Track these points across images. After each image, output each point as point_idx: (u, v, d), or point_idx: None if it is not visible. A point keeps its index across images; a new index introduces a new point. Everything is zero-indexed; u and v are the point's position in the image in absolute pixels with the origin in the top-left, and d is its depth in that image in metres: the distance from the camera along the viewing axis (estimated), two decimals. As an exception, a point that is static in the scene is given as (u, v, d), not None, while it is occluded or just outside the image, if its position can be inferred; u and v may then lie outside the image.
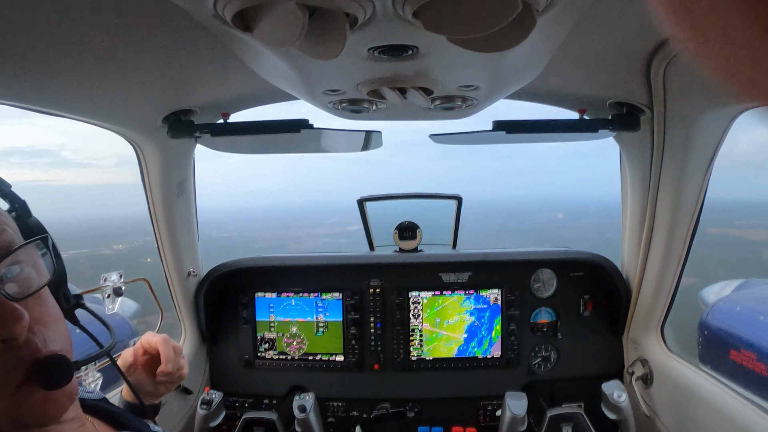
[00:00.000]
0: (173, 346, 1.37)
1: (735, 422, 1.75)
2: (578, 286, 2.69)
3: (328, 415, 2.69)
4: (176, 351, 1.37)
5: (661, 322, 2.36)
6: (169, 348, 1.36)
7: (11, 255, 0.81)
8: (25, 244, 0.84)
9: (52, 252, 0.93)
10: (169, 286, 2.50)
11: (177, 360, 1.38)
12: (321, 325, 2.67)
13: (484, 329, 2.65)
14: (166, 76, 1.56)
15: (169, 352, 1.35)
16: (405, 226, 2.73)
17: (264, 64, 1.29)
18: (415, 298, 2.66)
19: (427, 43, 1.03)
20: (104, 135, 1.89)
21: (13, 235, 0.84)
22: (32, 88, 1.35)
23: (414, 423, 2.67)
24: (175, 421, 2.41)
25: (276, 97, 2.03)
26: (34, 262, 0.87)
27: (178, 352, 1.39)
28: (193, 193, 2.45)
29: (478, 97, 1.53)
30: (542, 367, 2.66)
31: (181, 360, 1.40)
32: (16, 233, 0.86)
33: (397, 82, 1.32)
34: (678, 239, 2.12)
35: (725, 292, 5.15)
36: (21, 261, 0.84)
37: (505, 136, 1.98)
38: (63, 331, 0.90)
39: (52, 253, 0.93)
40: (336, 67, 1.20)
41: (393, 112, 1.77)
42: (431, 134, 2.26)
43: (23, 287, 0.82)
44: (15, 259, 0.82)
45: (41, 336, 0.82)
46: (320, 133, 2.05)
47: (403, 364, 2.65)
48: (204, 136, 1.99)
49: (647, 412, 2.30)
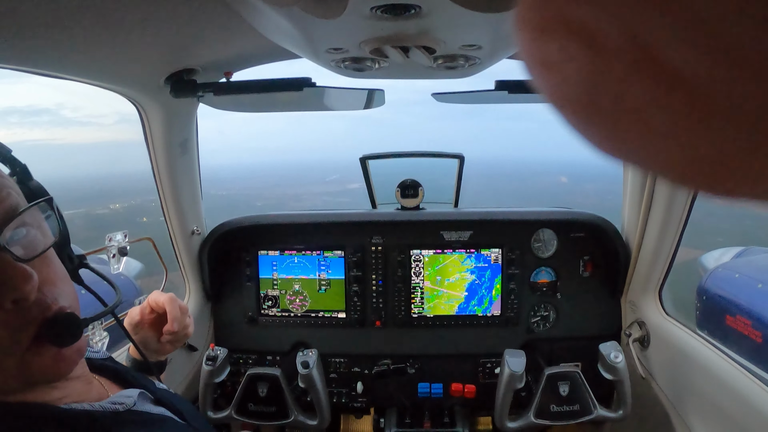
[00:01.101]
0: (179, 306, 1.40)
1: (728, 387, 1.80)
2: (578, 246, 2.71)
3: (331, 371, 2.77)
4: (182, 310, 1.41)
5: (659, 285, 2.40)
6: (176, 307, 1.39)
7: (17, 218, 0.82)
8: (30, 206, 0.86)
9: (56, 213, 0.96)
10: (173, 244, 2.53)
11: (183, 319, 1.41)
12: (323, 283, 2.72)
13: (484, 288, 2.69)
14: (168, 36, 1.54)
15: (175, 311, 1.39)
16: (407, 184, 2.75)
17: (266, 23, 1.28)
18: (416, 256, 2.69)
19: (429, 3, 1.02)
20: (104, 93, 1.88)
21: (18, 198, 0.86)
22: (32, 51, 1.34)
23: (414, 379, 2.74)
24: (181, 377, 2.49)
25: (278, 56, 2.01)
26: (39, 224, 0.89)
27: (185, 311, 1.43)
28: (196, 152, 2.46)
29: (481, 57, 1.52)
30: (541, 326, 2.71)
31: (187, 319, 1.43)
32: (20, 196, 0.88)
33: (400, 41, 1.31)
34: (678, 203, 2.13)
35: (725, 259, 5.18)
36: (27, 223, 0.86)
37: (508, 95, 1.97)
38: (70, 291, 0.93)
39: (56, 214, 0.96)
40: (338, 26, 1.19)
41: (395, 71, 1.76)
42: (434, 93, 2.24)
43: (30, 249, 0.84)
44: (21, 222, 0.84)
45: (50, 295, 0.85)
46: (323, 91, 2.04)
47: (404, 321, 2.71)
48: (207, 96, 1.98)
49: (643, 373, 2.36)
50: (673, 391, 2.17)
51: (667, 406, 2.19)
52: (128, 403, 0.99)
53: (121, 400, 0.99)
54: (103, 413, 0.94)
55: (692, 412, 2.02)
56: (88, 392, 1.00)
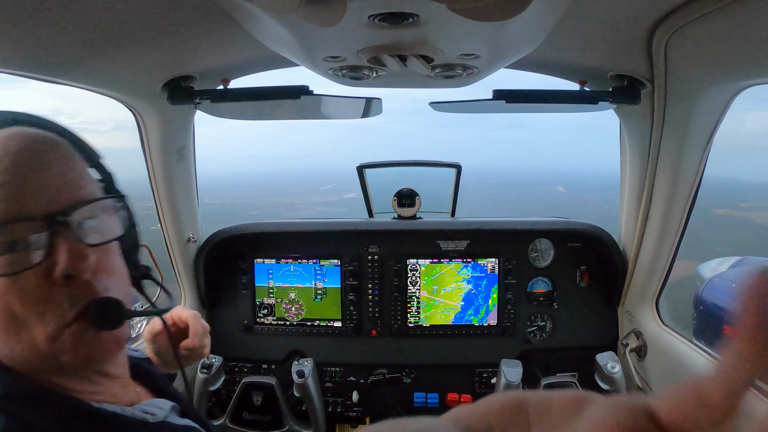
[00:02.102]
0: (202, 324, 1.45)
1: None
2: (575, 256, 2.71)
3: (326, 380, 2.75)
4: (204, 329, 1.45)
5: (656, 295, 2.39)
6: (199, 324, 1.45)
7: (90, 205, 0.88)
8: (103, 198, 0.93)
9: (128, 214, 1.03)
10: (168, 251, 2.51)
11: (203, 337, 1.45)
12: (319, 291, 2.71)
13: (480, 297, 2.68)
14: (165, 43, 1.54)
15: (197, 327, 1.44)
16: (404, 194, 2.75)
17: (264, 31, 1.28)
18: (413, 265, 2.68)
19: (427, 11, 1.02)
20: (101, 99, 1.88)
21: (95, 190, 0.93)
22: (30, 55, 1.34)
23: (410, 389, 2.73)
24: (176, 384, 2.46)
25: (276, 64, 2.02)
26: (110, 219, 0.94)
27: (206, 330, 1.47)
28: (193, 159, 2.45)
29: (478, 66, 1.52)
30: (538, 336, 2.70)
31: (206, 339, 1.47)
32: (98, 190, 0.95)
33: (398, 50, 1.31)
34: (675, 214, 2.13)
35: (722, 269, 5.18)
36: (98, 215, 0.91)
37: (505, 105, 1.97)
38: (124, 289, 0.96)
39: (128, 215, 1.02)
40: (336, 34, 1.19)
41: (393, 80, 1.76)
42: (431, 102, 2.25)
43: (94, 236, 0.89)
44: (92, 211, 0.90)
45: (102, 284, 0.88)
46: (320, 99, 2.05)
47: (400, 331, 2.70)
48: (204, 102, 1.98)
49: (640, 383, 2.35)
50: None
51: None
52: (159, 415, 1.00)
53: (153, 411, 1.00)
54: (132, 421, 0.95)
55: None
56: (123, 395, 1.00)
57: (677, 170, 2.00)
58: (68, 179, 0.87)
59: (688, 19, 1.36)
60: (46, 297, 0.81)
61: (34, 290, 0.81)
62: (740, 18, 1.25)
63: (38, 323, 0.81)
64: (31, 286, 0.81)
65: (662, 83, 1.79)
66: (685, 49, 1.54)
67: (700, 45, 1.49)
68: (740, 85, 1.66)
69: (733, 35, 1.36)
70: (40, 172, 0.85)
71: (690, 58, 1.60)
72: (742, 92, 1.71)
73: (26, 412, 0.84)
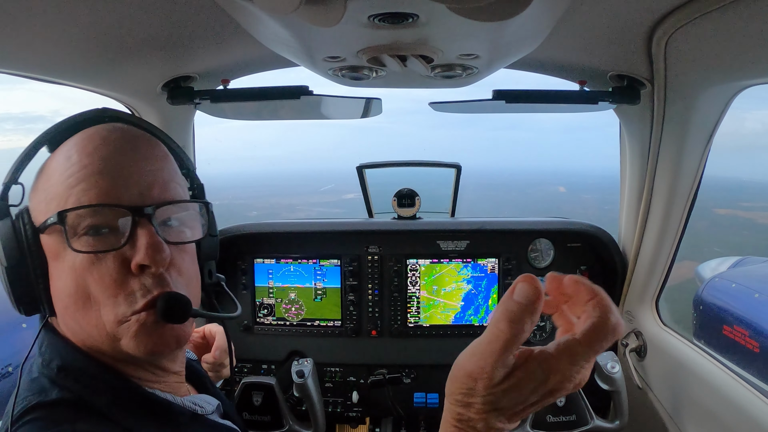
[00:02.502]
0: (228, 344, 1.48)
1: (725, 397, 1.79)
2: (575, 256, 2.71)
3: (326, 380, 2.74)
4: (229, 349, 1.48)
5: (656, 295, 2.39)
6: (223, 340, 1.54)
7: (174, 205, 0.94)
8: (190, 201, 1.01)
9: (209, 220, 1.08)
10: None
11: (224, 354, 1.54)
12: (319, 291, 2.71)
13: (480, 297, 2.68)
14: (165, 43, 1.54)
15: (222, 342, 1.54)
16: (404, 194, 2.74)
17: (264, 31, 1.28)
18: (412, 265, 2.68)
19: (427, 12, 1.02)
20: (100, 100, 1.88)
21: (183, 193, 0.99)
22: (30, 56, 1.34)
23: (410, 389, 2.72)
24: None
25: (276, 64, 2.02)
26: (192, 223, 1.00)
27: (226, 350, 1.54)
28: (193, 159, 2.45)
29: (478, 66, 1.52)
30: (537, 336, 2.70)
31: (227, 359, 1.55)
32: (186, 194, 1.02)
33: (398, 50, 1.31)
34: (675, 214, 2.13)
35: (721, 269, 5.18)
36: (181, 217, 0.97)
37: (505, 105, 1.97)
38: (194, 290, 1.01)
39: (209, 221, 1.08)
40: (336, 34, 1.19)
41: (393, 80, 1.76)
42: (431, 102, 2.25)
43: (174, 235, 0.94)
44: (176, 211, 0.96)
45: (175, 281, 0.92)
46: (320, 99, 2.05)
47: (400, 331, 2.70)
48: (204, 103, 1.98)
49: (640, 383, 2.35)
50: (670, 401, 2.15)
51: (664, 416, 2.18)
52: (207, 409, 1.05)
53: (202, 404, 1.05)
54: (182, 409, 0.99)
55: (689, 422, 2.01)
56: (177, 389, 1.04)
57: (677, 170, 2.00)
58: (160, 178, 0.93)
59: (688, 19, 1.36)
60: (120, 282, 0.86)
61: (111, 274, 0.86)
62: (740, 18, 1.25)
63: (109, 305, 0.86)
64: (109, 269, 0.86)
65: (662, 83, 1.79)
66: (685, 49, 1.54)
67: (700, 45, 1.49)
68: (740, 85, 1.66)
69: (732, 35, 1.36)
70: (136, 166, 0.90)
71: (690, 58, 1.60)
72: (742, 92, 1.71)
73: (79, 387, 0.88)
